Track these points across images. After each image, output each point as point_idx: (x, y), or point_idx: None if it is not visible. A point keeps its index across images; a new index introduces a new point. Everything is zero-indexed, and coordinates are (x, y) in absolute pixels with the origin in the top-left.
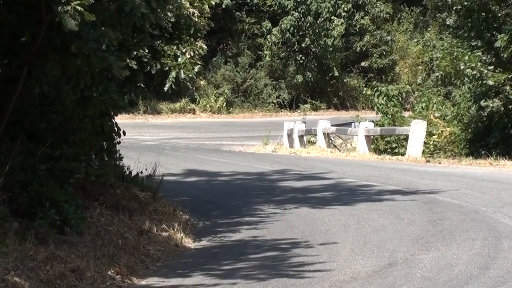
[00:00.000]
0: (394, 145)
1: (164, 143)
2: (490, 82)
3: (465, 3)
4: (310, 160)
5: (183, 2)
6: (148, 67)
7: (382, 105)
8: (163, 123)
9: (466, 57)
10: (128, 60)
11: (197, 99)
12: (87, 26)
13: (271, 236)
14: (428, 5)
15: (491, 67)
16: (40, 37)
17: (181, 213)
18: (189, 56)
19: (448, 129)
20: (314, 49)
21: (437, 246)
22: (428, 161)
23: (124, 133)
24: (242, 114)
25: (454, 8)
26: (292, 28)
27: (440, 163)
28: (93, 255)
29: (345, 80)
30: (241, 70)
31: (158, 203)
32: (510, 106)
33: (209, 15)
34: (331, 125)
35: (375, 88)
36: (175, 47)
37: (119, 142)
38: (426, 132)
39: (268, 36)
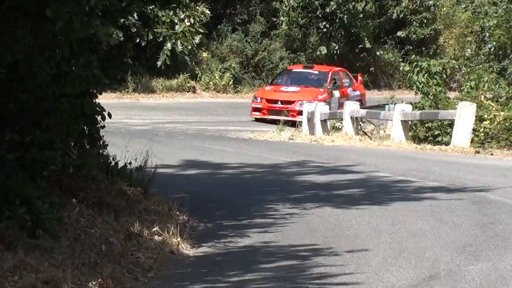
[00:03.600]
0: (436, 133)
1: (158, 128)
2: None
3: None
4: (335, 150)
5: None
6: (138, 38)
7: (422, 84)
8: (156, 103)
9: None
10: (114, 31)
11: (198, 75)
12: None
13: (287, 242)
14: None
15: None
16: None
17: (177, 213)
18: (188, 24)
19: (502, 113)
20: (341, 15)
21: (488, 255)
22: (478, 152)
23: (109, 115)
24: (252, 94)
25: None
26: None
27: (492, 154)
28: (71, 263)
29: (378, 54)
30: (252, 40)
31: (150, 201)
32: None
33: None
34: (361, 108)
35: (414, 63)
36: (171, 13)
37: (103, 127)
38: (476, 117)
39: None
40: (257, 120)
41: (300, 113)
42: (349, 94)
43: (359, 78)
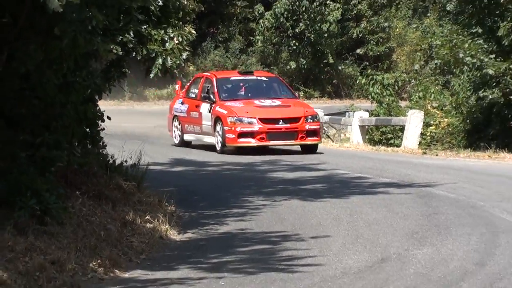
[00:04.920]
0: (389, 136)
1: (150, 131)
2: (490, 71)
3: None
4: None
5: None
6: (134, 53)
7: (377, 94)
8: (149, 110)
9: (466, 45)
10: (112, 46)
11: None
12: (72, 7)
13: (260, 229)
14: None
15: (492, 56)
16: (22, 18)
17: (166, 204)
18: (177, 42)
19: (446, 120)
20: (308, 35)
21: (431, 241)
22: (425, 153)
23: (109, 118)
24: None
25: None
26: (286, 13)
27: (437, 155)
28: (74, 246)
29: (339, 68)
30: (232, 56)
31: (143, 193)
32: (511, 97)
33: None
34: (325, 114)
35: (370, 77)
36: (162, 32)
37: (103, 129)
38: (423, 122)
39: (261, 20)
40: (248, 149)
41: (312, 133)
42: None
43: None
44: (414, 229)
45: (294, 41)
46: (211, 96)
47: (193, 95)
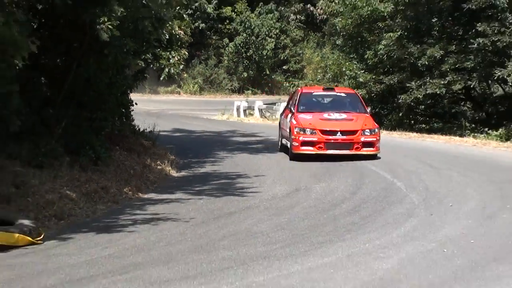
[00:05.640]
0: None
1: (160, 111)
2: (361, 79)
3: (348, 31)
4: (250, 125)
5: (174, 26)
6: (151, 65)
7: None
8: (160, 99)
9: (347, 64)
10: (138, 61)
11: (182, 85)
12: (115, 37)
13: (224, 170)
14: (326, 32)
15: (362, 71)
16: (85, 44)
17: (169, 154)
18: (176, 59)
19: None
20: (254, 57)
21: (325, 180)
22: None
23: (136, 103)
24: (209, 96)
25: (342, 34)
26: (242, 43)
27: None
28: (115, 179)
29: (273, 77)
30: (209, 68)
31: (156, 148)
32: (373, 94)
33: (190, 34)
34: (264, 104)
35: (291, 82)
36: (168, 53)
37: (132, 110)
38: None
39: (227, 48)
40: (310, 156)
41: (366, 144)
42: None
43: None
44: (315, 172)
45: (246, 60)
46: (292, 108)
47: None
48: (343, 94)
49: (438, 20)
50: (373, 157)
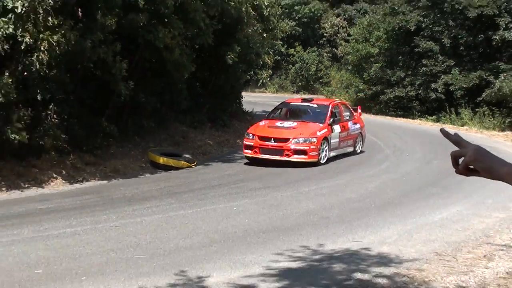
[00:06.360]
0: None
1: (256, 101)
2: (361, 87)
3: (354, 62)
4: None
5: (264, 57)
6: (253, 77)
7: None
8: (256, 95)
9: (353, 79)
10: (247, 75)
11: (267, 88)
12: (235, 62)
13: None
14: (342, 62)
15: (361, 83)
16: (219, 65)
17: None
18: (265, 75)
19: None
20: (306, 75)
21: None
22: None
23: (243, 97)
24: (280, 94)
25: (351, 63)
26: (299, 67)
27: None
28: (233, 135)
29: (314, 85)
30: (281, 80)
31: (254, 120)
32: (367, 96)
33: (272, 62)
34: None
35: (324, 89)
36: (261, 71)
37: (243, 99)
38: None
39: (291, 69)
40: (248, 159)
41: (296, 152)
42: (349, 128)
43: (359, 110)
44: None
45: (300, 76)
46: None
47: None
48: (315, 106)
49: (402, 57)
50: (306, 164)
